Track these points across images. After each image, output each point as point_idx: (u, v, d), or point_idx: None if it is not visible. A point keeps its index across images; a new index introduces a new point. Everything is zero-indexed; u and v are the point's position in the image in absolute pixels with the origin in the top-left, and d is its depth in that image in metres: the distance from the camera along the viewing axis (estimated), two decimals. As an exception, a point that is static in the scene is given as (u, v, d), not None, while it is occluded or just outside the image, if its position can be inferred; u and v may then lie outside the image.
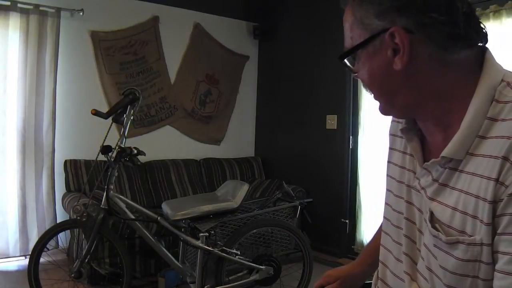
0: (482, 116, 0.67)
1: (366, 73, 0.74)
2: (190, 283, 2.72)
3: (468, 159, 0.67)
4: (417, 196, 0.79)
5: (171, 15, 4.35)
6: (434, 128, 0.75)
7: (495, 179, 0.62)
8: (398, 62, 0.69)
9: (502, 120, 0.65)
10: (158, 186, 4.02)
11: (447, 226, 0.69)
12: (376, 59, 0.71)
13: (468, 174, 0.67)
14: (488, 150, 0.65)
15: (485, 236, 0.64)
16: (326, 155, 4.15)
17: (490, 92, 0.68)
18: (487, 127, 0.66)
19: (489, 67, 0.70)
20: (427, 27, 0.66)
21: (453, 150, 0.68)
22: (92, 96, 3.88)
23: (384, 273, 0.91)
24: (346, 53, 0.75)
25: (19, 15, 3.51)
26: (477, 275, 0.66)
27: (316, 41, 4.24)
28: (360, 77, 0.76)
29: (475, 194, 0.65)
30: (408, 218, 0.82)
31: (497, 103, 0.67)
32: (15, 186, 3.59)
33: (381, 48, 0.70)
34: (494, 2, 2.94)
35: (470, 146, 0.67)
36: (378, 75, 0.73)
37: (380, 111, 0.80)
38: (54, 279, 2.78)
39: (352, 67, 0.76)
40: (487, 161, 0.64)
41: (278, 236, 3.06)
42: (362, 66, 0.74)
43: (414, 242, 0.81)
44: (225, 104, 4.79)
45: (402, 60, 0.68)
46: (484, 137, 0.66)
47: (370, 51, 0.71)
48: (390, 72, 0.70)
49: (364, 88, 0.79)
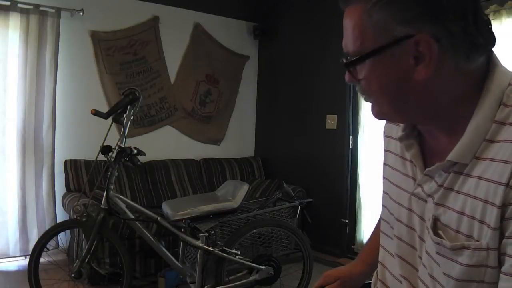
0: (490, 120, 0.66)
1: (377, 81, 0.69)
2: (190, 283, 2.72)
3: (475, 163, 0.67)
4: (419, 204, 0.78)
5: (171, 15, 4.35)
6: (438, 132, 0.73)
7: (505, 184, 0.62)
8: (422, 72, 0.65)
9: (510, 124, 0.64)
10: (158, 186, 4.02)
11: (455, 231, 0.68)
12: (394, 67, 0.67)
13: (475, 178, 0.66)
14: (498, 154, 0.64)
15: (491, 240, 0.63)
16: (326, 155, 4.15)
17: (498, 95, 0.67)
18: (495, 131, 0.65)
19: (496, 71, 0.69)
20: (454, 36, 0.63)
21: (459, 154, 0.67)
22: (92, 96, 3.88)
23: (384, 274, 0.91)
24: (356, 60, 0.69)
25: (19, 15, 3.51)
26: (483, 279, 0.66)
27: (316, 41, 4.24)
28: (365, 85, 0.71)
29: (483, 199, 0.64)
30: (408, 226, 0.81)
31: (505, 107, 0.66)
32: (15, 186, 3.59)
33: (401, 56, 0.66)
34: (494, 2, 2.94)
35: (477, 150, 0.66)
36: (392, 84, 0.68)
37: (376, 115, 0.75)
38: (54, 279, 2.78)
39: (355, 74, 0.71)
40: (496, 165, 0.63)
41: (278, 236, 3.06)
42: (371, 73, 0.69)
43: (415, 248, 0.80)
44: (225, 104, 4.79)
45: (427, 69, 0.65)
46: (491, 141, 0.66)
47: (386, 58, 0.66)
48: (408, 81, 0.67)
49: (362, 93, 0.74)
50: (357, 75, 0.71)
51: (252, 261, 2.75)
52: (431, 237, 0.71)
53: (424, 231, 0.76)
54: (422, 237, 0.77)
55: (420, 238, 0.78)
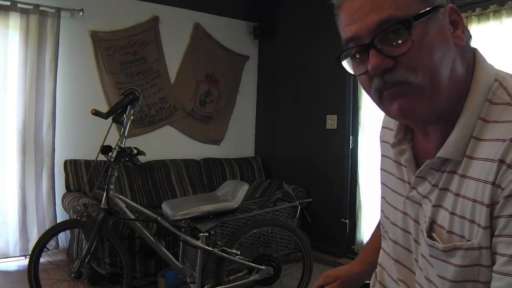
0: (476, 116, 0.67)
1: (429, 45, 0.64)
2: (190, 283, 2.72)
3: (467, 162, 0.67)
4: (413, 207, 0.78)
5: (171, 15, 4.35)
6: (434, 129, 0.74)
7: (492, 182, 0.62)
8: (461, 35, 0.68)
9: (495, 122, 0.65)
10: (158, 186, 4.02)
11: (448, 232, 0.69)
12: (440, 32, 0.66)
13: (465, 178, 0.67)
14: (484, 153, 0.64)
15: (482, 239, 0.64)
16: (326, 155, 4.15)
17: (484, 91, 0.67)
18: (480, 128, 0.66)
19: (481, 67, 0.70)
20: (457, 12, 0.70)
21: (449, 151, 0.68)
22: (92, 96, 3.88)
23: (382, 276, 0.91)
24: (408, 19, 0.62)
25: (19, 15, 3.51)
26: (478, 279, 0.66)
27: (316, 41, 4.24)
28: (414, 55, 0.64)
29: (472, 198, 0.65)
30: (403, 229, 0.82)
31: (490, 104, 0.67)
32: (15, 186, 3.59)
33: (443, 21, 0.67)
34: (494, 2, 2.94)
35: (466, 147, 0.67)
36: (441, 50, 0.65)
37: (406, 105, 0.67)
38: (54, 279, 2.78)
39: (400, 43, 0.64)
40: (483, 165, 0.64)
41: (278, 236, 3.06)
42: (424, 36, 0.64)
43: (411, 252, 0.80)
44: (225, 104, 4.79)
45: (463, 33, 0.68)
46: (478, 138, 0.66)
47: (434, 22, 0.65)
48: (450, 48, 0.67)
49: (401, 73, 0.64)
50: (397, 48, 0.64)
51: (252, 261, 2.75)
52: (425, 240, 0.72)
53: (419, 234, 0.76)
54: (417, 240, 0.77)
55: (415, 241, 0.78)
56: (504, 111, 0.64)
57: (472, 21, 3.03)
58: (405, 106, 0.67)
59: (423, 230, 0.73)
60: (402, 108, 0.67)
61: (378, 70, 0.65)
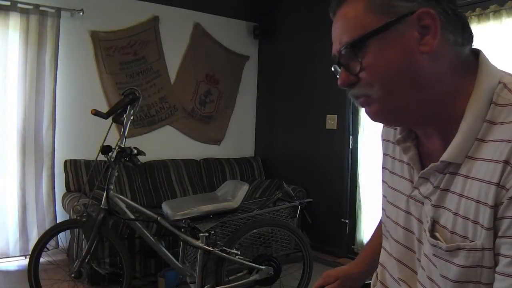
0: (481, 119, 0.66)
1: (384, 63, 0.67)
2: (190, 283, 2.72)
3: (468, 163, 0.67)
4: (416, 207, 0.78)
5: (171, 15, 4.35)
6: (433, 132, 0.74)
7: (496, 183, 0.62)
8: (430, 41, 0.66)
9: (501, 123, 0.65)
10: (158, 186, 4.02)
11: (451, 232, 0.68)
12: (398, 45, 0.67)
13: (468, 179, 0.66)
14: (489, 154, 0.64)
15: (486, 241, 0.63)
16: (326, 155, 4.15)
17: (488, 94, 0.67)
18: (486, 130, 0.66)
19: (485, 69, 0.69)
20: (448, 15, 0.67)
21: (453, 154, 0.68)
22: (92, 96, 3.88)
23: (384, 275, 0.91)
24: (365, 37, 0.67)
25: (19, 15, 3.51)
26: (480, 280, 0.66)
27: (316, 41, 4.24)
28: (369, 74, 0.69)
29: (475, 199, 0.65)
30: (406, 228, 0.81)
31: (496, 106, 0.66)
32: (15, 186, 3.59)
33: (406, 31, 0.66)
34: (494, 2, 2.94)
35: (469, 150, 0.67)
36: (400, 63, 0.67)
37: (375, 113, 0.73)
38: (54, 279, 2.78)
39: (354, 66, 0.70)
40: (487, 165, 0.64)
41: (278, 236, 3.06)
42: (377, 55, 0.67)
43: (413, 251, 0.80)
44: (225, 104, 4.79)
45: (434, 38, 0.66)
46: (483, 140, 0.66)
47: (392, 34, 0.67)
48: (415, 59, 0.67)
49: (360, 91, 0.71)
50: (357, 66, 0.69)
51: (252, 261, 2.75)
52: (428, 239, 0.72)
53: (422, 233, 0.76)
54: (421, 240, 0.77)
55: (418, 241, 0.78)
56: (510, 112, 0.64)
57: (472, 21, 3.03)
58: (374, 113, 0.73)
59: (426, 229, 0.73)
60: (372, 114, 0.73)
61: (343, 85, 0.73)
